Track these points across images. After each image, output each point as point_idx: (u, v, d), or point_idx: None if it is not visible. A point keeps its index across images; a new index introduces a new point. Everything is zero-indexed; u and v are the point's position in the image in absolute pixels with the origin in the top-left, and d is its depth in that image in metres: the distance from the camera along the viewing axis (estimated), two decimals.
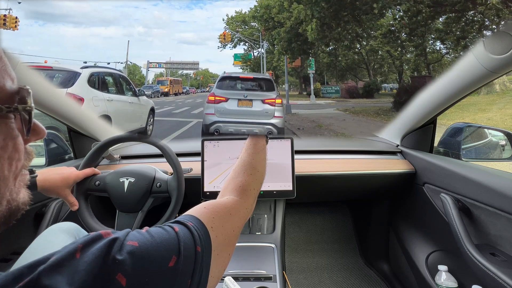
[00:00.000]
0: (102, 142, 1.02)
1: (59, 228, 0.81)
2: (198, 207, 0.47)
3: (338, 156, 1.33)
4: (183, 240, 0.37)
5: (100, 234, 0.33)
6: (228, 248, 0.46)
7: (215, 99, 5.35)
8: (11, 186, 0.32)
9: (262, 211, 1.25)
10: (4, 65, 0.31)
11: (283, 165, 1.15)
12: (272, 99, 5.28)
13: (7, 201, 0.32)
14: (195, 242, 0.38)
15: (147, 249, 0.33)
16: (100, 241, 0.32)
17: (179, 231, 0.38)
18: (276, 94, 5.50)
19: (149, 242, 0.34)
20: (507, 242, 0.84)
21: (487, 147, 1.26)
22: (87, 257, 0.30)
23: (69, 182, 0.91)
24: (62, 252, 0.30)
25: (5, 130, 0.31)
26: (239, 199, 0.55)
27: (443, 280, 1.01)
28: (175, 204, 0.95)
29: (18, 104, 0.32)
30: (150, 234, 0.36)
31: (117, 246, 0.32)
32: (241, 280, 0.92)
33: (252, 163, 0.64)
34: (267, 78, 6.06)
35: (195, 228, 0.40)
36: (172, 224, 0.40)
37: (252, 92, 5.54)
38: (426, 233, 1.23)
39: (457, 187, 1.00)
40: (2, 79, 0.30)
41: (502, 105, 8.68)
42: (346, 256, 1.72)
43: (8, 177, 0.31)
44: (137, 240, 0.34)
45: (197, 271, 0.37)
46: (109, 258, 0.30)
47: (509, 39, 0.75)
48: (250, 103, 5.29)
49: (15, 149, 0.32)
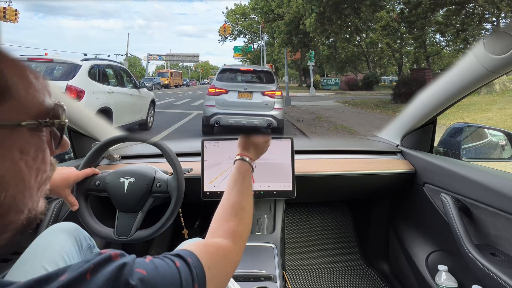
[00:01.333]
0: (102, 142, 1.02)
1: (59, 228, 0.81)
2: (197, 243, 0.48)
3: (338, 156, 1.33)
4: (184, 276, 0.38)
5: (110, 256, 0.34)
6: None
7: (215, 91, 5.38)
8: (34, 196, 0.33)
9: (262, 211, 1.25)
10: (44, 83, 0.34)
11: (283, 165, 1.15)
12: (272, 91, 5.31)
13: (28, 210, 0.33)
14: (193, 279, 0.39)
15: (154, 278, 0.35)
16: (111, 264, 0.33)
17: (180, 267, 0.39)
18: (276, 86, 5.52)
19: (155, 272, 0.36)
20: (507, 242, 0.84)
21: (487, 147, 1.26)
22: (97, 279, 0.30)
23: (69, 182, 0.91)
24: (73, 272, 0.30)
25: (38, 142, 0.33)
26: (232, 244, 0.54)
27: (443, 280, 1.01)
28: (175, 204, 0.95)
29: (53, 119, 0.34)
30: (155, 265, 0.37)
31: (127, 271, 0.33)
32: (241, 280, 0.92)
33: (242, 204, 0.63)
34: (267, 70, 6.07)
35: (193, 265, 0.41)
36: (173, 258, 0.41)
37: (252, 84, 5.57)
38: (426, 233, 1.23)
39: (457, 187, 1.00)
40: (43, 96, 0.33)
41: (502, 105, 8.69)
42: (346, 256, 1.72)
43: (34, 187, 0.33)
44: (145, 269, 0.35)
45: None
46: (122, 282, 0.31)
47: (509, 39, 0.75)
48: (250, 95, 5.31)
49: (43, 161, 0.34)
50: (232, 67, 6.01)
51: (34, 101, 0.32)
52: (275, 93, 5.30)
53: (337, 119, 8.41)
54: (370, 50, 21.73)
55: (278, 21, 16.27)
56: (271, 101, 5.27)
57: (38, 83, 0.33)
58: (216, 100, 5.33)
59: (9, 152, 0.30)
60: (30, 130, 0.32)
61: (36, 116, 0.32)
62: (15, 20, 14.90)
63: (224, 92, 5.34)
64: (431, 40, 16.98)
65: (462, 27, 11.87)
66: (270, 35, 20.61)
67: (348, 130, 7.02)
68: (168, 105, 11.75)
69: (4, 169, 0.29)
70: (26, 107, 0.31)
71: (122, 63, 12.24)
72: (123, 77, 5.70)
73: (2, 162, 0.29)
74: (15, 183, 0.30)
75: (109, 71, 5.34)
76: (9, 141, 0.30)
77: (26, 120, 0.31)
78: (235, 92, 5.32)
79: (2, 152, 0.29)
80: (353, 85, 20.24)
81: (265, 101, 5.28)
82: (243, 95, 5.32)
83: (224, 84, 5.46)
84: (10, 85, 0.30)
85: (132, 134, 1.08)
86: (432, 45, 17.08)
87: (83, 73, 4.36)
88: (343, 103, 12.46)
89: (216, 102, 5.33)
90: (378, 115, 9.47)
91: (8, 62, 0.30)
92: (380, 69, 24.68)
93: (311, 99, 14.21)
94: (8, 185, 0.30)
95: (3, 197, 0.29)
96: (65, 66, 4.38)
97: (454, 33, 13.16)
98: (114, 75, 5.46)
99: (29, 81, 0.32)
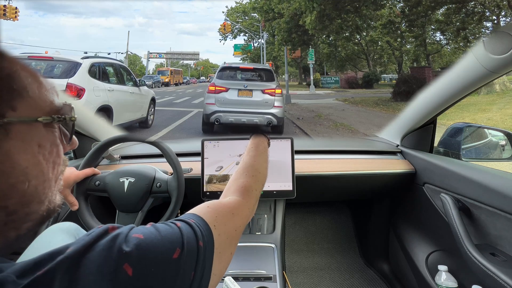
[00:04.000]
0: (102, 142, 1.02)
1: (59, 228, 0.81)
2: (201, 206, 0.48)
3: (338, 156, 1.33)
4: (186, 235, 0.38)
5: (107, 228, 0.35)
6: (230, 247, 0.46)
7: (215, 89, 5.38)
8: (52, 188, 0.37)
9: (262, 211, 1.24)
10: (52, 85, 0.38)
11: (283, 165, 1.15)
12: (272, 89, 5.31)
13: (48, 201, 0.36)
14: (197, 237, 0.39)
15: (152, 241, 0.35)
16: (106, 236, 0.34)
17: (182, 226, 0.39)
18: (276, 84, 5.51)
19: (153, 235, 0.36)
20: (507, 242, 0.84)
21: (487, 147, 1.26)
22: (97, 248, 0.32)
23: (69, 182, 0.91)
24: (76, 245, 0.32)
25: (52, 137, 0.36)
26: (241, 199, 0.56)
27: (443, 280, 1.01)
28: (175, 204, 0.95)
29: (64, 115, 0.38)
30: (155, 228, 0.38)
31: (122, 238, 0.34)
32: (241, 280, 0.92)
33: (254, 165, 0.66)
34: (267, 68, 6.05)
35: (197, 225, 0.41)
36: (174, 221, 0.41)
37: (252, 82, 5.56)
38: (426, 233, 1.23)
39: (457, 187, 1.00)
40: (52, 95, 0.37)
41: (502, 105, 8.68)
42: (346, 256, 1.73)
43: (51, 179, 0.36)
44: (142, 233, 0.36)
45: (199, 265, 0.38)
46: (116, 249, 0.32)
47: (509, 39, 0.75)
48: (250, 93, 5.32)
49: (58, 155, 0.37)
50: (232, 65, 5.99)
51: (46, 99, 0.36)
52: (275, 91, 5.31)
53: (337, 117, 8.42)
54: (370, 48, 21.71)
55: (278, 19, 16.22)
56: (271, 99, 5.28)
57: (47, 84, 0.37)
58: (216, 98, 5.33)
59: (29, 146, 0.33)
60: (45, 126, 0.35)
61: (49, 112, 0.36)
62: (15, 18, 14.89)
63: (224, 90, 5.34)
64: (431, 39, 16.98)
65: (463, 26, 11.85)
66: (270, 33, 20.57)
67: (348, 128, 7.02)
68: (168, 103, 11.76)
69: (26, 161, 0.32)
70: (40, 104, 0.35)
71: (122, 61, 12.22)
72: (123, 75, 5.70)
73: (25, 155, 0.32)
74: (35, 174, 0.34)
75: (109, 69, 5.33)
76: (29, 136, 0.33)
77: (41, 116, 0.34)
78: (235, 90, 5.32)
79: (23, 146, 0.32)
80: (353, 83, 20.24)
81: (265, 99, 5.29)
82: (243, 93, 5.32)
83: (224, 82, 5.46)
84: (26, 85, 0.33)
85: (132, 134, 1.08)
86: (432, 43, 17.08)
87: (83, 71, 4.36)
88: (343, 101, 12.47)
89: (216, 100, 5.33)
90: (378, 113, 9.49)
91: (21, 65, 0.34)
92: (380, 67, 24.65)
93: (311, 97, 14.22)
94: (31, 176, 0.33)
95: (26, 186, 0.32)
96: (65, 64, 4.37)
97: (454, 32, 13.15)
98: (114, 73, 5.46)
99: (40, 81, 0.36)
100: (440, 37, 16.29)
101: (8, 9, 14.63)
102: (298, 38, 14.73)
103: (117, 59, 6.43)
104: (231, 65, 5.98)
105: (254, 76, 5.80)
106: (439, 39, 16.73)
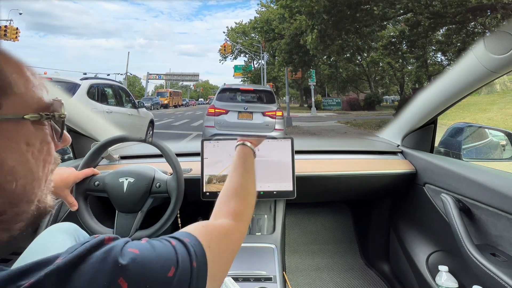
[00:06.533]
0: (102, 142, 1.01)
1: (58, 229, 0.81)
2: (195, 225, 0.47)
3: (338, 156, 1.33)
4: (180, 254, 0.38)
5: (103, 239, 0.35)
6: (223, 268, 0.46)
7: (215, 112, 5.24)
8: (42, 187, 0.36)
9: (262, 211, 1.24)
10: (41, 80, 0.37)
11: (283, 165, 1.15)
12: (272, 111, 5.18)
13: (38, 200, 0.35)
14: (190, 257, 0.39)
15: (147, 257, 0.35)
16: (102, 247, 0.33)
17: (176, 245, 0.39)
18: (277, 106, 5.38)
19: (148, 251, 0.35)
20: (508, 242, 0.84)
21: (487, 147, 1.26)
22: (91, 259, 0.31)
23: (68, 183, 0.91)
24: (68, 255, 0.31)
25: (42, 135, 0.35)
26: (234, 223, 0.54)
27: (443, 280, 1.00)
28: (174, 204, 0.95)
29: (53, 113, 0.37)
30: (150, 244, 0.37)
31: (116, 252, 0.33)
32: (241, 281, 0.92)
33: (243, 185, 0.63)
34: (267, 90, 5.95)
35: (191, 245, 0.40)
36: (168, 238, 0.40)
37: (253, 104, 5.44)
38: (426, 233, 1.22)
39: (458, 187, 1.00)
40: (41, 92, 0.36)
41: (502, 105, 8.68)
42: (346, 257, 1.72)
43: (42, 178, 0.35)
44: (137, 248, 0.35)
45: (193, 285, 0.37)
46: (111, 262, 0.31)
47: (509, 39, 0.75)
48: (250, 116, 5.19)
49: (49, 153, 0.36)
50: (232, 87, 5.88)
51: (33, 96, 0.35)
52: (276, 114, 5.16)
53: None
54: (372, 69, 21.60)
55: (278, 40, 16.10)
56: (272, 121, 5.14)
57: (35, 79, 0.35)
58: (215, 120, 5.17)
59: (17, 144, 0.32)
60: (34, 123, 0.34)
61: (37, 109, 0.35)
62: (16, 39, 14.88)
63: (224, 112, 5.18)
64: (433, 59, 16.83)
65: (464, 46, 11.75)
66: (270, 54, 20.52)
67: None
68: (167, 125, 11.65)
69: (13, 160, 0.32)
70: (27, 101, 0.34)
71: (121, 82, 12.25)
72: (122, 97, 5.67)
73: (11, 154, 0.31)
74: (24, 173, 0.33)
75: (108, 91, 5.31)
76: (16, 134, 0.32)
77: (28, 113, 0.33)
78: (235, 113, 5.16)
79: (10, 144, 0.32)
80: (355, 105, 20.06)
81: (265, 122, 5.14)
82: (244, 116, 5.17)
83: (224, 104, 5.30)
84: (11, 81, 0.32)
85: (132, 134, 1.08)
86: (434, 64, 16.90)
87: (82, 92, 4.35)
88: (345, 123, 12.33)
89: (215, 123, 5.17)
90: None
91: (6, 60, 0.33)
92: (382, 89, 24.37)
93: (313, 120, 14.09)
94: (18, 176, 0.32)
95: (14, 186, 0.32)
96: (64, 85, 4.35)
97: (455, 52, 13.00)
98: (113, 95, 5.44)
99: (27, 77, 0.34)
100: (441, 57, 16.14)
101: (9, 30, 14.61)
102: (299, 59, 14.59)
103: (116, 80, 6.43)
104: (231, 87, 5.87)
105: (254, 98, 5.67)
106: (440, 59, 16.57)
